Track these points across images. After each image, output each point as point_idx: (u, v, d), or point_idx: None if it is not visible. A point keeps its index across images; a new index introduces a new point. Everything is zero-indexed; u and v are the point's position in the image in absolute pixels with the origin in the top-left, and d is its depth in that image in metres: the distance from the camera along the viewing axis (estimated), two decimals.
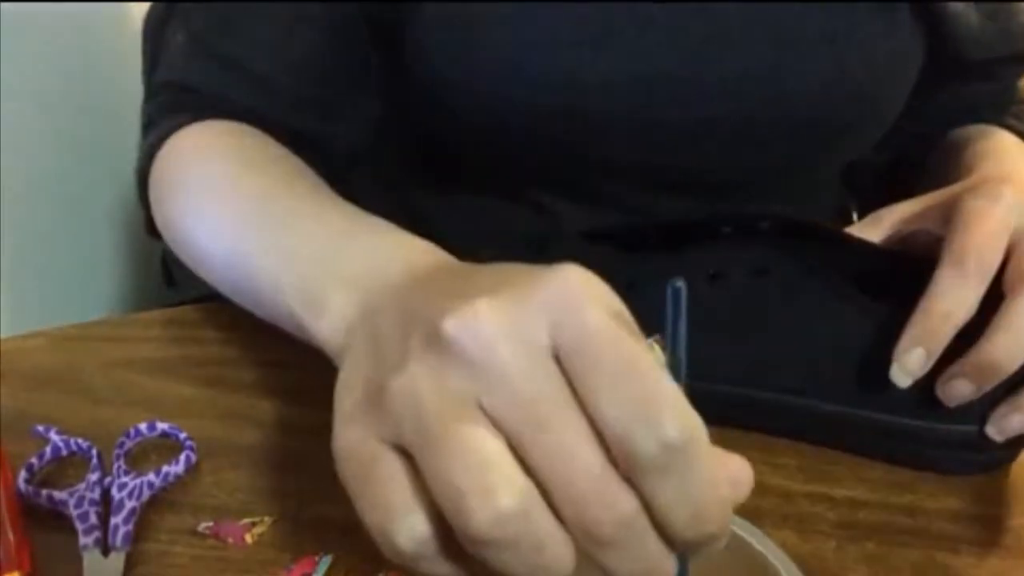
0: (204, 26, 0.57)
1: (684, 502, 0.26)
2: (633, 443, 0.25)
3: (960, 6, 0.61)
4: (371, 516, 0.28)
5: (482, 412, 0.26)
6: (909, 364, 0.43)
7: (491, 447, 0.26)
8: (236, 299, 0.49)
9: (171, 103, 0.58)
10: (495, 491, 0.25)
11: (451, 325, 0.27)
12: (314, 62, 0.59)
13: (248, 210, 0.48)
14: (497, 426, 0.26)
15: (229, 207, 0.49)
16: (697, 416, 0.27)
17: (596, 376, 0.26)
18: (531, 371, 0.26)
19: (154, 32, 0.60)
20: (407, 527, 0.27)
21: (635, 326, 0.29)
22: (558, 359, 0.27)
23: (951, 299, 0.42)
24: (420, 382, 0.27)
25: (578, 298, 0.27)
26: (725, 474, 0.28)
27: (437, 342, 0.27)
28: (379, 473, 0.28)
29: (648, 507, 0.26)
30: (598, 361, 0.26)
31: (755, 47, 0.58)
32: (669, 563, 0.28)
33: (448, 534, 0.27)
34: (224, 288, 0.50)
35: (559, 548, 0.26)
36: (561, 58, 0.57)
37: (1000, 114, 0.67)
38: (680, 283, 0.29)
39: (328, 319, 0.37)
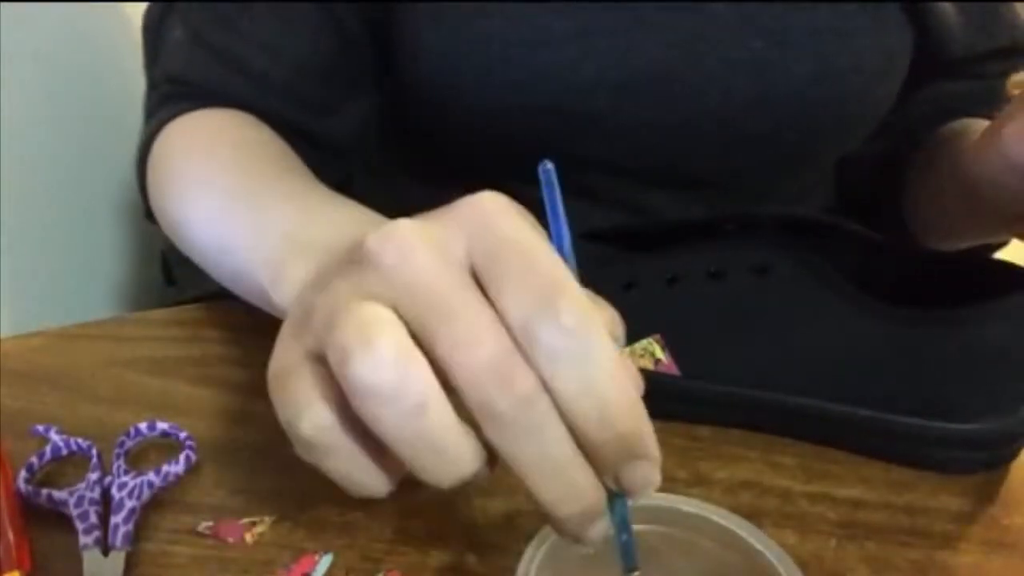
0: (203, 21, 0.58)
1: (587, 392, 0.27)
2: (532, 329, 0.27)
3: (947, 5, 0.61)
4: (283, 415, 0.31)
5: (387, 306, 0.28)
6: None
7: (380, 313, 0.27)
8: (230, 288, 0.49)
9: (170, 94, 0.59)
10: (373, 341, 0.27)
11: (372, 239, 0.29)
12: (311, 60, 0.59)
13: (231, 201, 0.49)
14: (406, 322, 0.27)
15: (215, 200, 0.50)
16: (596, 309, 0.28)
17: (501, 273, 0.27)
18: (442, 273, 0.28)
19: (154, 26, 0.61)
20: (309, 416, 0.29)
21: (541, 232, 0.30)
22: (474, 270, 0.28)
23: None
24: (339, 291, 0.29)
25: (490, 211, 0.29)
26: (631, 373, 0.29)
27: (359, 257, 0.29)
28: (291, 378, 0.30)
29: (555, 400, 0.27)
30: (504, 260, 0.28)
31: (741, 44, 0.58)
32: (597, 492, 0.29)
33: (353, 426, 0.29)
34: (218, 276, 0.51)
35: (461, 444, 0.28)
36: (548, 57, 0.57)
37: (988, 108, 0.67)
38: (550, 164, 0.30)
39: (285, 287, 0.38)
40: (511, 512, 0.43)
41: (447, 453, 0.28)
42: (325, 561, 0.40)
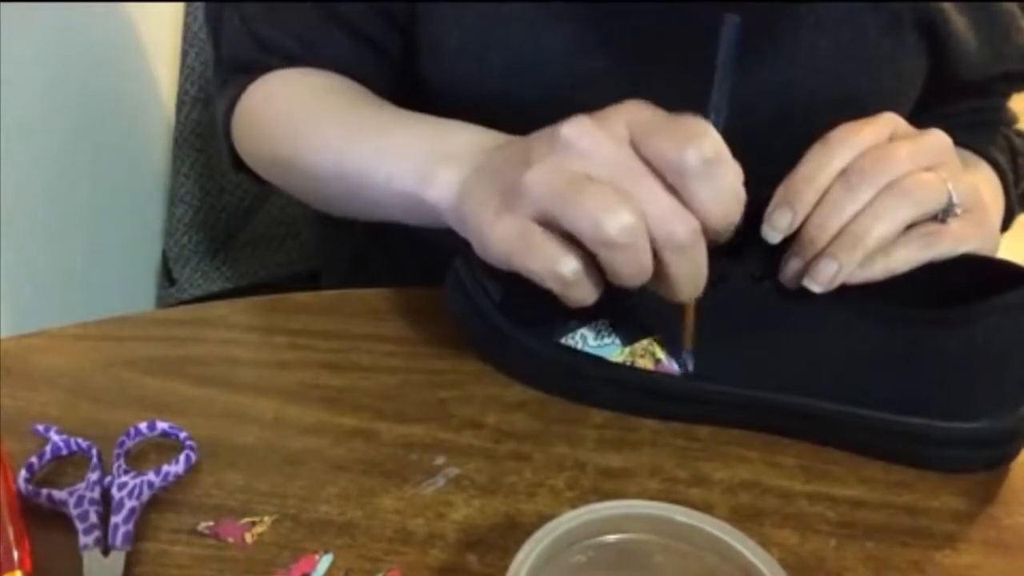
0: (253, 13, 0.67)
1: (720, 199, 0.41)
2: (683, 162, 0.40)
3: (961, 29, 0.61)
4: (540, 265, 0.43)
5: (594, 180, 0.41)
6: (776, 221, 0.46)
7: (609, 190, 0.41)
8: (342, 199, 0.60)
9: (236, 70, 0.68)
10: (619, 209, 0.40)
11: (566, 129, 0.42)
12: (341, 62, 0.65)
13: (345, 127, 0.59)
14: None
15: (328, 129, 0.59)
16: (724, 143, 0.41)
17: (656, 137, 0.41)
18: (620, 150, 0.41)
19: (215, 13, 0.70)
20: (567, 264, 0.42)
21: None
22: (632, 142, 0.42)
23: (813, 165, 0.46)
24: (549, 167, 0.42)
25: (636, 104, 0.43)
26: (741, 178, 0.42)
27: (556, 143, 0.42)
28: (536, 238, 0.42)
29: (695, 210, 0.41)
30: (657, 129, 0.41)
31: (769, 63, 0.59)
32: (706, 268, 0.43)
33: (588, 268, 0.42)
34: (329, 192, 0.61)
35: (649, 256, 0.41)
36: (577, 62, 0.58)
37: (986, 139, 0.67)
38: (737, 18, 0.43)
39: (438, 186, 0.49)
40: (511, 512, 0.43)
41: (646, 270, 0.42)
42: (325, 561, 0.40)
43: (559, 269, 0.42)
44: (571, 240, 0.42)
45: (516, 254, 0.43)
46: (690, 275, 0.42)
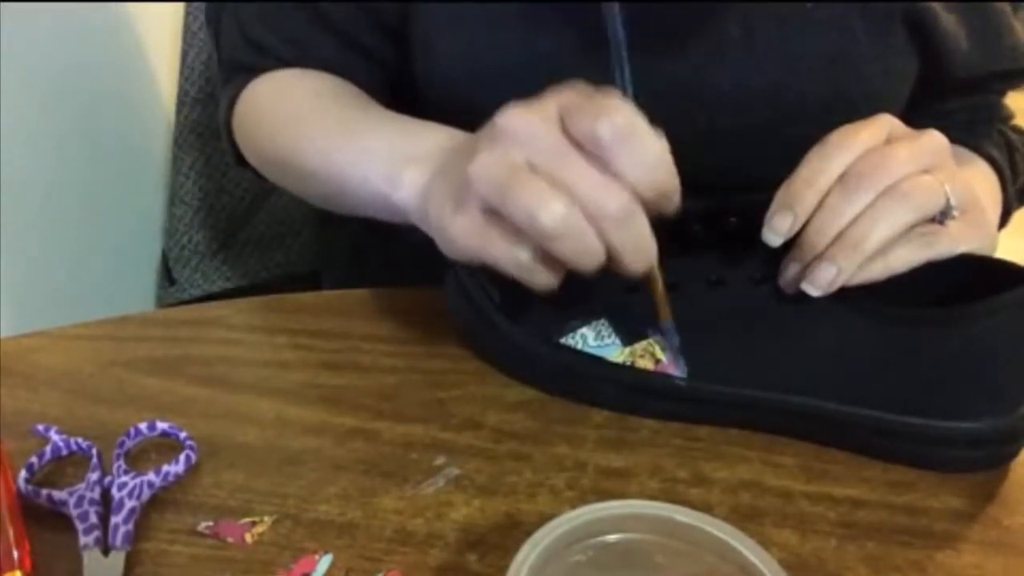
0: (248, 17, 0.68)
1: (642, 166, 0.41)
2: (597, 134, 0.41)
3: (951, 27, 0.61)
4: (500, 254, 0.44)
5: (530, 168, 0.42)
6: (776, 225, 0.46)
7: (541, 182, 0.41)
8: (328, 198, 0.62)
9: (235, 70, 0.69)
10: (550, 200, 0.41)
11: (501, 119, 0.43)
12: (331, 66, 0.65)
13: (328, 131, 0.60)
14: (540, 172, 0.42)
15: (314, 130, 0.61)
16: (637, 112, 0.42)
17: (576, 114, 0.42)
18: (548, 132, 0.42)
19: (214, 15, 0.72)
20: (522, 252, 0.43)
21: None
22: (561, 119, 0.42)
23: (812, 168, 0.47)
24: (489, 160, 0.42)
25: (569, 86, 0.44)
26: (664, 145, 0.42)
27: (493, 134, 0.43)
28: (491, 230, 0.43)
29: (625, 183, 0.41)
30: (577, 107, 0.42)
31: (759, 65, 0.58)
32: (652, 238, 0.43)
33: (543, 253, 0.43)
34: (320, 192, 0.63)
35: (592, 238, 0.42)
36: (571, 65, 0.57)
37: (982, 136, 0.67)
38: (615, 6, 0.46)
39: (404, 188, 0.51)
40: (511, 512, 0.43)
41: (595, 252, 0.42)
42: (325, 561, 0.40)
43: (517, 257, 0.43)
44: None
45: (475, 247, 0.44)
46: (633, 246, 0.43)
